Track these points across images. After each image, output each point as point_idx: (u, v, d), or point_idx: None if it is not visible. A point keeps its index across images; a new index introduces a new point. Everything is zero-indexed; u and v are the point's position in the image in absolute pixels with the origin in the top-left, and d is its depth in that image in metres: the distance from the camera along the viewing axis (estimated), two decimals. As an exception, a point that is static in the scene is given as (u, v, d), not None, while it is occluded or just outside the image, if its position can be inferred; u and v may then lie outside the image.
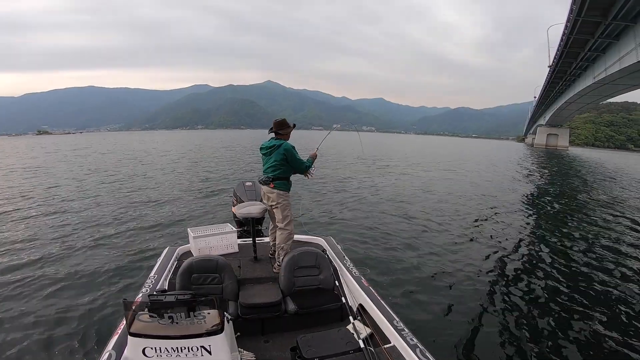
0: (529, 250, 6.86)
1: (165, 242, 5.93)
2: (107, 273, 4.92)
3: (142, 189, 11.65)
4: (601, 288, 5.17)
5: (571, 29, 19.92)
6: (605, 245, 7.40)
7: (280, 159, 3.44)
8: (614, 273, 5.81)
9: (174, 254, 3.64)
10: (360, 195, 11.06)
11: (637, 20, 15.69)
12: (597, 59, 24.64)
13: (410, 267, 5.51)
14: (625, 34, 17.99)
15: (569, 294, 4.89)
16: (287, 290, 3.06)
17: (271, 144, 3.52)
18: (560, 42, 24.35)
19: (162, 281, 3.05)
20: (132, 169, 17.44)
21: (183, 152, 29.57)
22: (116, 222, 7.54)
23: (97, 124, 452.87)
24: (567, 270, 5.79)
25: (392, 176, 16.40)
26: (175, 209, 8.74)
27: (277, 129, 3.57)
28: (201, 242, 3.70)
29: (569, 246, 7.16)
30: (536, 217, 9.86)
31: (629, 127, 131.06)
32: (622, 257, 6.69)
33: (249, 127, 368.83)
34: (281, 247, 3.50)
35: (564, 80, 35.91)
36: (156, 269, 3.26)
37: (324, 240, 4.08)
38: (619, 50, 19.68)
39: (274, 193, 3.50)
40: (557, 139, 79.91)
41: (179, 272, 2.89)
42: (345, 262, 3.51)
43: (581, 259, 6.43)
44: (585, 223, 9.27)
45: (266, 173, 3.53)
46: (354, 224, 7.77)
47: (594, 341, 3.78)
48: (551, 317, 4.24)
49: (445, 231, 7.70)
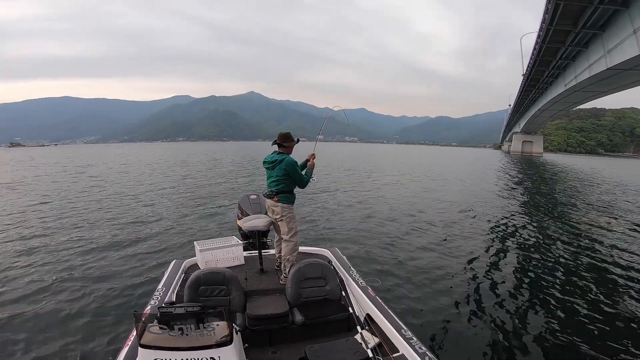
0: (543, 262, 6.62)
1: (171, 256, 5.92)
2: (115, 286, 4.93)
3: (142, 203, 11.47)
4: (599, 283, 5.35)
5: (544, 37, 20.62)
6: (585, 240, 7.96)
7: (283, 173, 3.51)
8: (602, 269, 5.98)
9: (181, 267, 3.70)
10: (361, 206, 11.12)
11: (605, 28, 16.38)
12: (568, 67, 25.61)
13: (417, 276, 5.48)
14: (594, 42, 18.77)
15: (590, 306, 4.76)
16: (294, 301, 3.08)
17: (274, 158, 3.57)
18: (534, 50, 25.22)
19: (169, 293, 3.08)
20: (127, 183, 16.76)
21: (171, 166, 28.69)
22: (122, 236, 7.52)
23: (72, 135, 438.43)
24: (594, 284, 5.59)
25: (388, 186, 16.63)
26: (179, 222, 8.76)
27: (281, 141, 3.63)
28: (208, 255, 3.77)
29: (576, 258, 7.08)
30: (544, 226, 9.70)
31: (599, 132, 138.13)
32: (605, 253, 7.01)
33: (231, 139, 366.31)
34: (287, 258, 3.54)
35: (537, 88, 37.27)
36: (164, 281, 3.30)
37: (330, 252, 4.14)
38: (588, 58, 20.49)
39: (278, 206, 3.57)
40: (532, 145, 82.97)
41: (187, 285, 2.92)
42: (351, 273, 3.54)
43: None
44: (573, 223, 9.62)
45: (270, 187, 3.61)
46: (357, 234, 7.81)
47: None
48: (570, 334, 4.02)
49: (449, 239, 7.78)
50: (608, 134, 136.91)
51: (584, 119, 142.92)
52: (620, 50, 15.51)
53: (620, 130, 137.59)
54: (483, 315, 4.33)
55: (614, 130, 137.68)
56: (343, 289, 3.37)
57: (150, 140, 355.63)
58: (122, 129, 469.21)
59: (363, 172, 23.31)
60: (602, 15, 15.44)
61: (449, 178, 22.34)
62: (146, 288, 4.74)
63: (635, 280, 5.67)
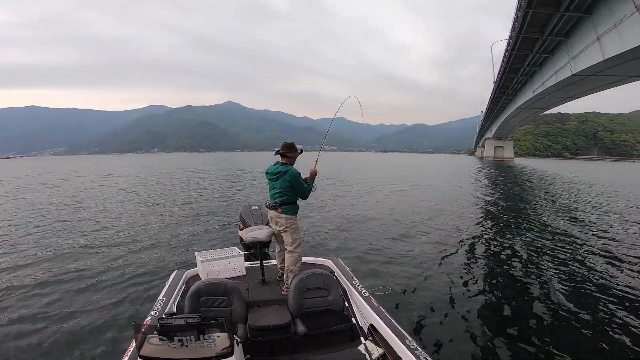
0: (545, 267, 6.57)
1: (173, 267, 5.86)
2: (116, 297, 4.93)
3: (140, 214, 11.44)
4: (593, 281, 5.45)
5: (513, 45, 21.38)
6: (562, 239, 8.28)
7: (287, 185, 3.49)
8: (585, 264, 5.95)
9: (182, 277, 3.67)
10: (362, 216, 11.03)
11: (569, 35, 17.14)
12: (535, 74, 26.74)
13: (420, 284, 5.43)
14: (559, 49, 19.63)
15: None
16: (296, 312, 3.04)
17: (278, 169, 3.55)
18: (504, 57, 26.19)
19: (170, 304, 3.04)
20: (117, 196, 16.10)
21: (158, 177, 27.73)
22: (121, 248, 7.48)
23: (39, 147, 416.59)
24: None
25: (380, 194, 16.63)
26: (179, 234, 8.70)
27: (284, 151, 3.59)
28: (209, 266, 3.76)
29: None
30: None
31: (564, 136, 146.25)
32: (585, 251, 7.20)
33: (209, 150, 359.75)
34: (290, 269, 3.51)
35: (507, 94, 38.83)
36: (164, 292, 3.27)
37: (332, 262, 4.09)
38: (554, 65, 21.41)
39: (282, 217, 3.54)
40: (504, 151, 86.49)
41: (188, 295, 2.87)
42: (354, 283, 3.50)
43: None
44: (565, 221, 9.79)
45: (273, 198, 3.57)
46: (360, 244, 7.73)
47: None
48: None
49: (452, 246, 7.73)
50: (572, 137, 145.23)
51: (550, 124, 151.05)
52: (585, 57, 16.21)
53: (584, 134, 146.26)
54: (490, 327, 4.21)
55: (577, 134, 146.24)
56: (346, 300, 3.31)
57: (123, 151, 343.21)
58: (92, 140, 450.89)
59: (356, 182, 23.14)
60: (567, 23, 16.14)
61: (438, 186, 22.25)
62: (147, 299, 4.75)
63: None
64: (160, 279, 5.37)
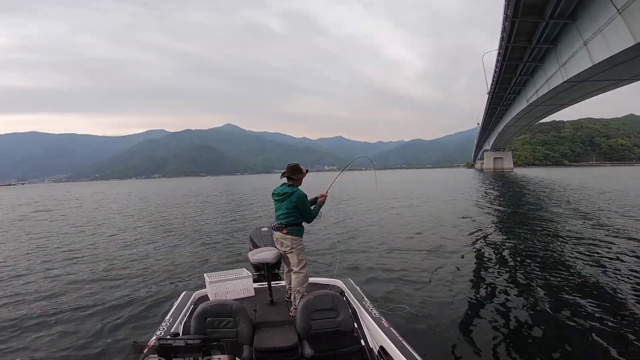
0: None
1: (182, 288, 5.80)
2: (123, 315, 5.01)
3: (149, 237, 11.70)
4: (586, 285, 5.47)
5: (504, 54, 21.88)
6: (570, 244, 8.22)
7: (293, 207, 3.52)
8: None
9: (191, 298, 3.69)
10: (373, 234, 10.84)
11: (557, 42, 17.62)
12: (528, 83, 27.19)
13: (437, 304, 5.20)
14: (549, 56, 20.09)
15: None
16: (304, 333, 2.98)
17: (284, 190, 3.59)
18: (495, 68, 26.72)
19: (176, 324, 3.06)
20: (128, 221, 16.50)
21: (165, 203, 28.03)
22: (132, 268, 7.71)
23: (40, 174, 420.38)
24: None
25: (390, 212, 16.49)
26: (190, 256, 8.89)
27: (290, 174, 3.65)
28: (217, 287, 3.79)
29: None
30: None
31: (561, 144, 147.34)
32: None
33: (209, 174, 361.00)
34: (297, 290, 3.52)
35: (502, 105, 39.36)
36: (172, 312, 3.29)
37: (342, 282, 4.06)
38: (546, 73, 21.83)
39: (287, 239, 3.58)
40: (503, 162, 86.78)
41: (194, 316, 2.87)
42: (364, 303, 3.45)
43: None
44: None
45: (279, 219, 3.61)
46: (371, 263, 7.53)
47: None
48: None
49: (467, 264, 7.47)
50: (570, 144, 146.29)
51: (546, 133, 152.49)
52: (574, 63, 16.56)
53: (580, 140, 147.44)
54: (507, 349, 3.95)
55: (574, 141, 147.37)
56: (355, 321, 3.24)
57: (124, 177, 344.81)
58: (92, 166, 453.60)
59: (364, 199, 23.05)
60: (553, 30, 16.60)
61: (447, 200, 22.19)
62: (155, 319, 4.76)
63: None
64: (169, 299, 5.41)
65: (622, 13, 10.24)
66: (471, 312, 4.92)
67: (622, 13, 10.26)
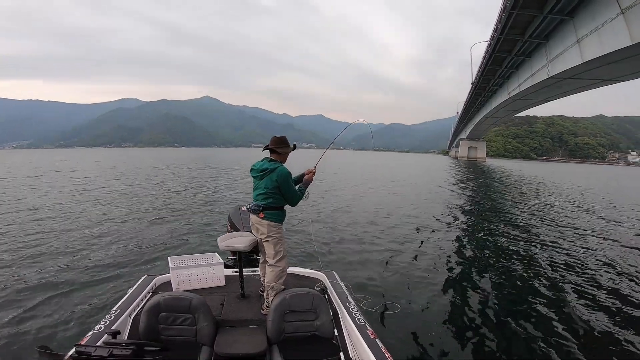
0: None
1: (144, 272, 4.91)
2: (66, 305, 4.33)
3: (112, 211, 10.68)
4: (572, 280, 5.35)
5: (494, 46, 21.76)
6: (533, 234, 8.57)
7: (273, 186, 2.95)
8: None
9: (150, 284, 3.23)
10: (358, 221, 10.33)
11: (549, 38, 17.56)
12: (512, 76, 27.43)
13: (429, 301, 4.85)
14: (538, 51, 20.12)
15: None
16: (275, 337, 2.59)
17: (264, 166, 3.01)
18: (483, 59, 26.67)
19: (124, 317, 2.61)
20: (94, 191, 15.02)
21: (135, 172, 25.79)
22: (83, 248, 6.75)
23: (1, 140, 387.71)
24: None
25: (376, 196, 16.24)
26: (159, 235, 7.96)
27: (274, 146, 3.06)
28: (182, 273, 3.32)
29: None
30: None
31: (531, 138, 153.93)
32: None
33: (184, 145, 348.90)
34: (271, 286, 3.01)
35: (483, 96, 39.86)
36: (123, 301, 2.83)
37: (325, 276, 3.61)
38: (531, 67, 21.96)
39: (264, 224, 3.01)
40: (477, 151, 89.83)
41: (144, 310, 2.46)
42: (348, 305, 3.00)
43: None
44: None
45: (256, 200, 3.04)
46: (357, 254, 7.01)
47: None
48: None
49: (464, 258, 7.22)
50: (539, 139, 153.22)
51: (519, 126, 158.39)
52: (562, 60, 16.63)
53: (550, 136, 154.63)
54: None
55: (544, 137, 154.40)
56: (336, 326, 2.81)
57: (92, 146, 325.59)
58: (57, 133, 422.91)
59: (350, 183, 22.53)
60: (548, 25, 16.47)
61: (433, 189, 22.14)
62: (103, 309, 4.13)
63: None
64: (128, 285, 4.72)
65: (625, 13, 10.13)
66: (468, 315, 4.63)
67: (625, 13, 10.15)
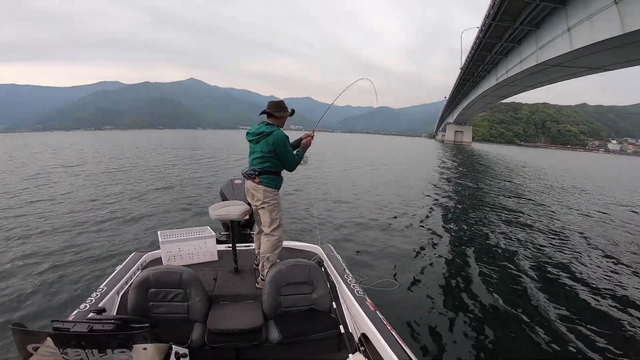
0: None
1: (134, 248, 5.00)
2: (54, 283, 4.25)
3: (101, 189, 10.56)
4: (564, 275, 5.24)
5: (485, 32, 21.63)
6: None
7: (269, 149, 2.81)
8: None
9: (139, 261, 3.11)
10: (357, 195, 10.39)
11: (539, 25, 17.52)
12: (500, 62, 27.51)
13: (428, 279, 4.80)
14: (527, 38, 20.11)
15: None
16: (271, 312, 2.49)
17: (260, 129, 2.86)
18: (474, 44, 26.52)
19: (111, 294, 2.49)
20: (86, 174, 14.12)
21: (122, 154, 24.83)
22: (74, 225, 6.63)
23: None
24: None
25: (375, 172, 16.56)
26: (149, 210, 7.88)
27: (272, 110, 2.90)
28: (172, 248, 3.19)
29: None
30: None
31: (516, 124, 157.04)
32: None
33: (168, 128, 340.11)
34: (266, 257, 2.88)
35: (471, 81, 39.97)
36: (111, 278, 2.71)
37: (321, 249, 3.50)
38: (520, 54, 22.01)
39: (260, 190, 2.86)
40: (463, 135, 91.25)
41: (132, 286, 2.34)
42: (346, 277, 2.90)
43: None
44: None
45: (252, 165, 2.89)
46: (355, 229, 6.92)
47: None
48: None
49: (464, 236, 7.20)
50: (524, 125, 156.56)
51: (504, 112, 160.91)
52: (552, 47, 16.68)
53: (534, 123, 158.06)
54: (508, 338, 3.71)
55: (528, 123, 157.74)
56: (334, 299, 2.71)
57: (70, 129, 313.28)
58: (34, 117, 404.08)
59: (344, 161, 22.71)
60: (540, 13, 16.40)
61: (429, 169, 22.71)
62: (91, 287, 3.98)
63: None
64: (116, 264, 4.77)
65: (619, 2, 10.11)
66: (467, 294, 4.62)
67: (618, 3, 10.13)
